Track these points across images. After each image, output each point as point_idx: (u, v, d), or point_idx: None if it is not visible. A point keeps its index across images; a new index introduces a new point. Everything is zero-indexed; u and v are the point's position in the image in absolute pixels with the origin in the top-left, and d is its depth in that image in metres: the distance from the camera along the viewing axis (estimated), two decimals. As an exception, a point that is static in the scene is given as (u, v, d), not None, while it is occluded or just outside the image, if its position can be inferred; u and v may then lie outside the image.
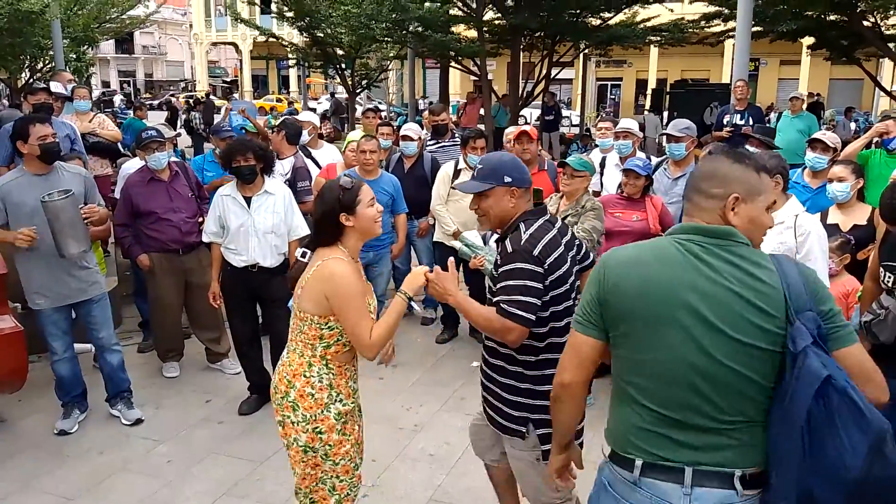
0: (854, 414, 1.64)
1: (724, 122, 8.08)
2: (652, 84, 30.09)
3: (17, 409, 4.57)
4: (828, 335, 1.74)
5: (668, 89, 18.22)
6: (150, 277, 4.97)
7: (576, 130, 21.89)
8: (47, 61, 15.92)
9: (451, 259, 2.72)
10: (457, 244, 5.12)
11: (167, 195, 4.84)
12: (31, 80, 7.94)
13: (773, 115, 16.18)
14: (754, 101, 10.71)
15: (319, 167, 6.07)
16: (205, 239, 4.57)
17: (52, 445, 4.15)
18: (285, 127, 5.80)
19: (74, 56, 16.63)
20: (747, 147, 4.93)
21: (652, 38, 14.56)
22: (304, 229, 4.49)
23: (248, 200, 4.40)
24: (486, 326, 2.55)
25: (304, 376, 2.59)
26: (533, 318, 2.45)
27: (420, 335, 5.92)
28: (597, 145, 6.27)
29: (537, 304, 2.46)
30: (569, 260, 2.61)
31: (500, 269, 2.52)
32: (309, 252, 2.64)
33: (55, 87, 6.36)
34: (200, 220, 4.85)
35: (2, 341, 4.05)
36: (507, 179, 2.58)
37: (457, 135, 6.84)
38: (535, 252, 2.47)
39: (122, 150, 7.50)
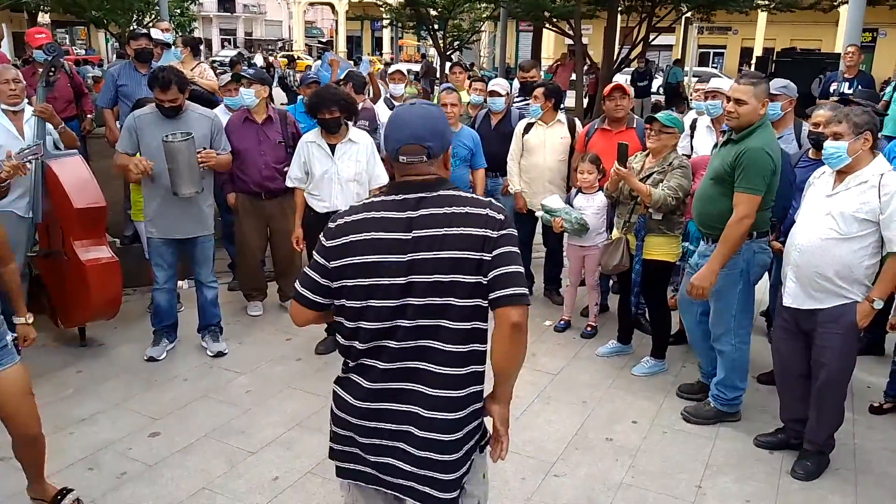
0: None
1: (831, 90, 7.62)
2: (758, 53, 28.57)
3: (112, 336, 4.87)
4: None
5: (773, 58, 17.29)
6: (235, 219, 5.18)
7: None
8: (153, 16, 16.58)
9: None
10: (539, 213, 5.09)
11: (256, 137, 4.99)
12: (134, 29, 8.23)
13: (889, 88, 15.12)
14: (868, 73, 10.03)
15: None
16: (288, 184, 4.69)
17: (142, 371, 4.42)
18: (351, 78, 5.91)
19: (178, 11, 17.25)
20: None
21: (760, 1, 13.82)
22: (384, 178, 4.55)
23: (332, 148, 4.48)
24: None
25: None
26: (309, 296, 2.08)
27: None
28: (691, 108, 6.04)
29: (314, 281, 2.06)
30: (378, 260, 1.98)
31: None
32: None
33: (155, 33, 6.59)
34: (286, 168, 4.98)
35: (101, 270, 4.33)
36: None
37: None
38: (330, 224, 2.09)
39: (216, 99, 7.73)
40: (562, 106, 5.52)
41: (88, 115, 6.52)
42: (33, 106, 4.34)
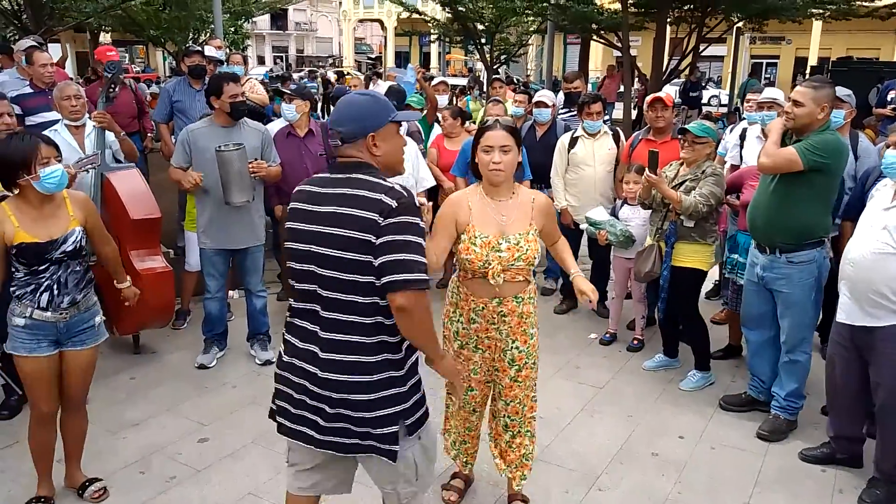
0: None
1: (888, 99, 7.39)
2: (812, 62, 27.88)
3: (164, 343, 5.01)
4: None
5: (829, 67, 16.85)
6: (280, 230, 5.28)
7: (723, 110, 20.77)
8: (208, 34, 17.07)
9: None
10: (584, 226, 5.08)
11: (298, 151, 5.10)
12: (188, 47, 8.50)
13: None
14: (933, 83, 9.68)
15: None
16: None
17: (193, 377, 4.53)
18: (391, 92, 6.01)
19: (233, 29, 17.72)
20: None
21: (815, 10, 13.49)
22: (430, 181, 4.61)
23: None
24: None
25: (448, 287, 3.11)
26: None
27: (539, 304, 5.89)
28: (743, 118, 5.94)
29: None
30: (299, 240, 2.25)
31: None
32: None
33: (209, 50, 6.78)
34: None
35: (155, 279, 4.45)
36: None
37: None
38: None
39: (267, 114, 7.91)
40: (607, 117, 5.50)
41: (149, 133, 6.74)
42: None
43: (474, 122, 6.64)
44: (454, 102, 8.91)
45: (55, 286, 2.98)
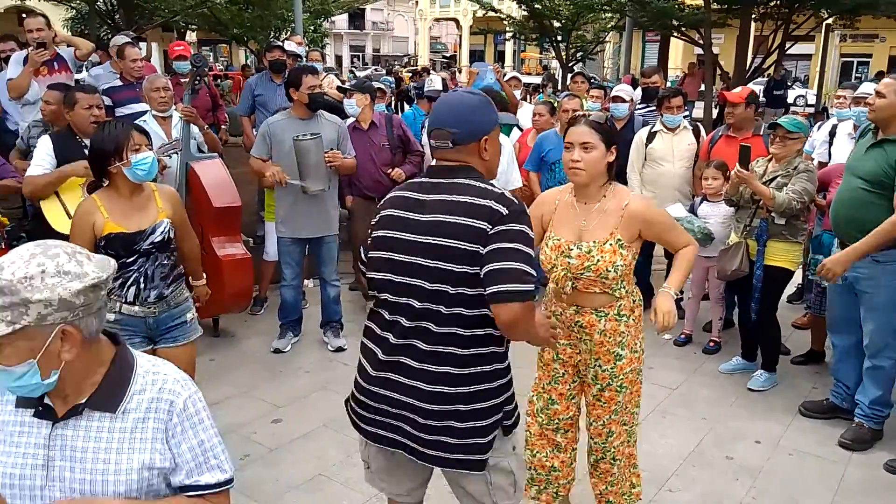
0: None
1: None
2: (908, 62, 26.47)
3: (242, 328, 5.18)
4: None
5: (927, 66, 15.96)
6: (350, 221, 5.38)
7: (810, 110, 19.96)
8: (288, 32, 17.51)
9: None
10: None
11: (364, 144, 5.17)
12: (270, 42, 8.76)
13: None
14: None
15: (520, 129, 6.17)
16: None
17: (268, 361, 4.67)
18: (489, 94, 5.96)
19: (312, 28, 18.11)
20: None
21: (913, 5, 12.76)
22: (518, 182, 4.60)
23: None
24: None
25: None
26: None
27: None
28: (831, 115, 5.71)
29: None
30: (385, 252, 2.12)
31: None
32: None
33: (289, 46, 6.96)
34: (391, 171, 5.11)
35: (235, 265, 4.60)
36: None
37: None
38: None
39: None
40: (686, 113, 5.38)
41: (223, 126, 6.98)
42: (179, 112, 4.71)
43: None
44: (528, 100, 8.84)
45: (142, 279, 3.02)
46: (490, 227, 1.93)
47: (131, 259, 2.99)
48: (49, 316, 1.37)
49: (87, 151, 3.90)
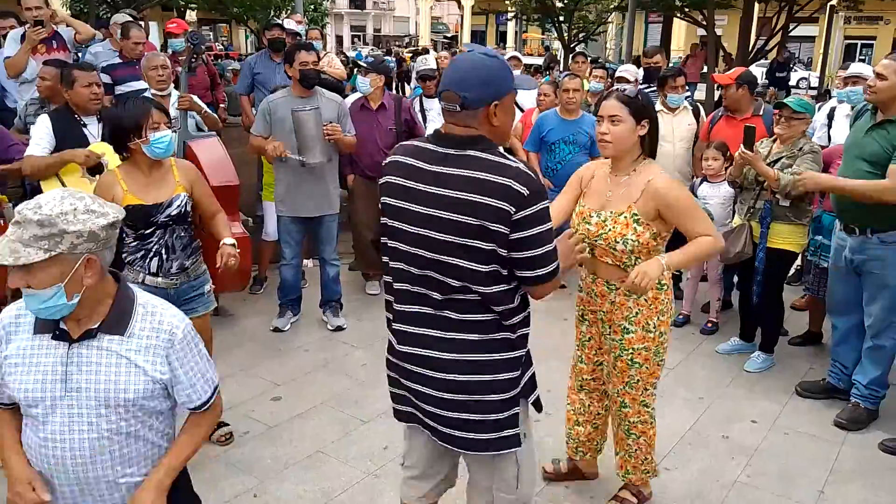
0: None
1: None
2: (913, 44, 26.23)
3: (242, 307, 5.20)
4: None
5: (931, 48, 15.86)
6: (350, 200, 5.37)
7: (813, 93, 19.86)
8: (289, 11, 17.40)
9: None
10: None
11: (370, 124, 5.16)
12: (269, 20, 8.71)
13: None
14: None
15: (521, 110, 6.12)
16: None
17: (268, 340, 4.69)
18: None
19: (312, 7, 17.99)
20: None
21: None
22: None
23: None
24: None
25: None
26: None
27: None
28: (832, 96, 5.68)
29: None
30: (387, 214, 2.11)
31: None
32: None
33: (288, 24, 6.92)
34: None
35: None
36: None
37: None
38: None
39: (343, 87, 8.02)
40: (688, 94, 5.34)
41: (221, 105, 6.95)
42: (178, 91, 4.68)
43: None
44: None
45: (163, 250, 3.09)
46: (514, 209, 1.86)
47: (149, 231, 3.07)
48: (79, 246, 1.67)
49: (85, 129, 3.93)
